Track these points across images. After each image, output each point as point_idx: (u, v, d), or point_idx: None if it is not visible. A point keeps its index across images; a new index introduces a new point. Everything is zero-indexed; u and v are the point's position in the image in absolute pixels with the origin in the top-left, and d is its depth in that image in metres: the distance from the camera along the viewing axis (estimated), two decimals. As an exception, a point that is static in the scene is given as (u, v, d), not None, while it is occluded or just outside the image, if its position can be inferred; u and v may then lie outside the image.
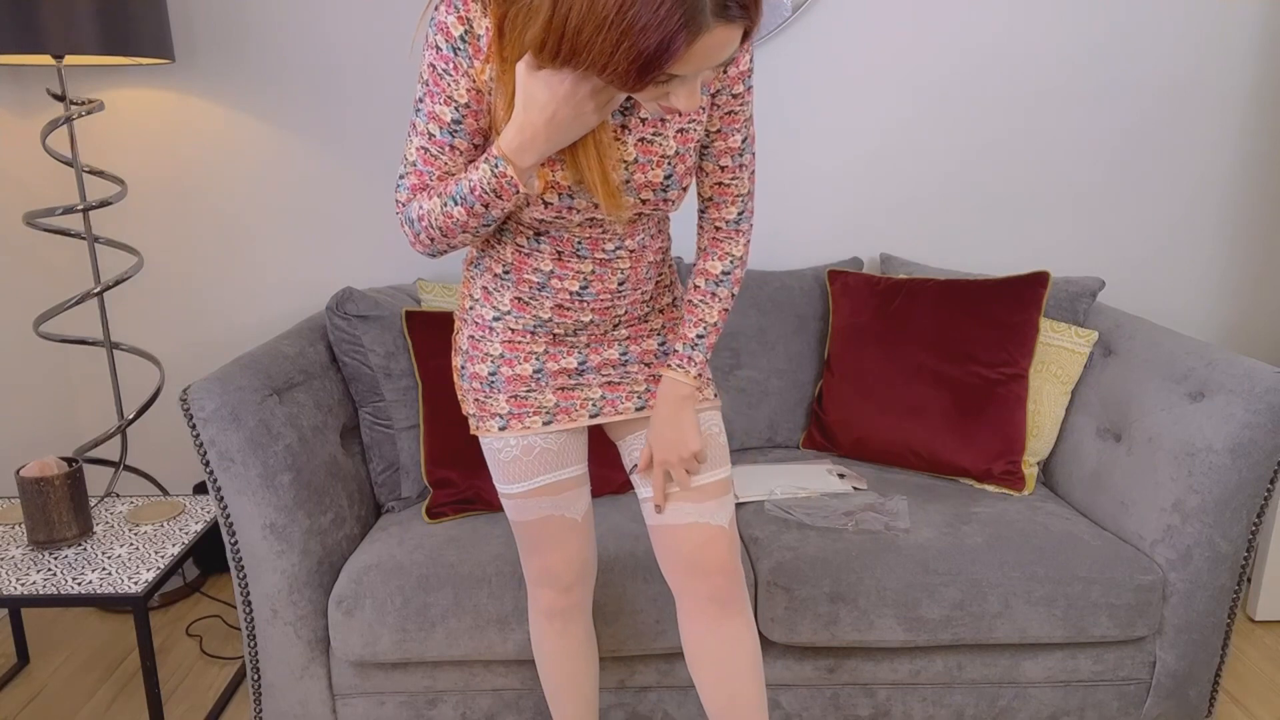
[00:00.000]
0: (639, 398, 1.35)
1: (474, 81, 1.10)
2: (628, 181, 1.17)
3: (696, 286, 1.31)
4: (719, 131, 1.23)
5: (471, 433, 1.40)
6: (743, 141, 1.24)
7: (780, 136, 2.35)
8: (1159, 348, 1.86)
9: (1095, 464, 1.91)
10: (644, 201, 1.19)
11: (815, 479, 1.98)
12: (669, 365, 1.31)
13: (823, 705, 1.76)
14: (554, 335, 1.30)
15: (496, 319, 1.30)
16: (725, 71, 1.17)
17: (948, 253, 2.44)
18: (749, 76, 1.20)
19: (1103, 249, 2.44)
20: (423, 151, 1.15)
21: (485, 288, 1.30)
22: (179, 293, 2.42)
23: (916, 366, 2.04)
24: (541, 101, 1.02)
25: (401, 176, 1.18)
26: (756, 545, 1.75)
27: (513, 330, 1.30)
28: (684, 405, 1.30)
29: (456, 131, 1.13)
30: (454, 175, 1.16)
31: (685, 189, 1.22)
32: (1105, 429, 1.93)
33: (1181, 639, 1.72)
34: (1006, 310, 2.01)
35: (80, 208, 2.08)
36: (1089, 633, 1.68)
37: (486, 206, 1.10)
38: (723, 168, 1.26)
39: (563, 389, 1.33)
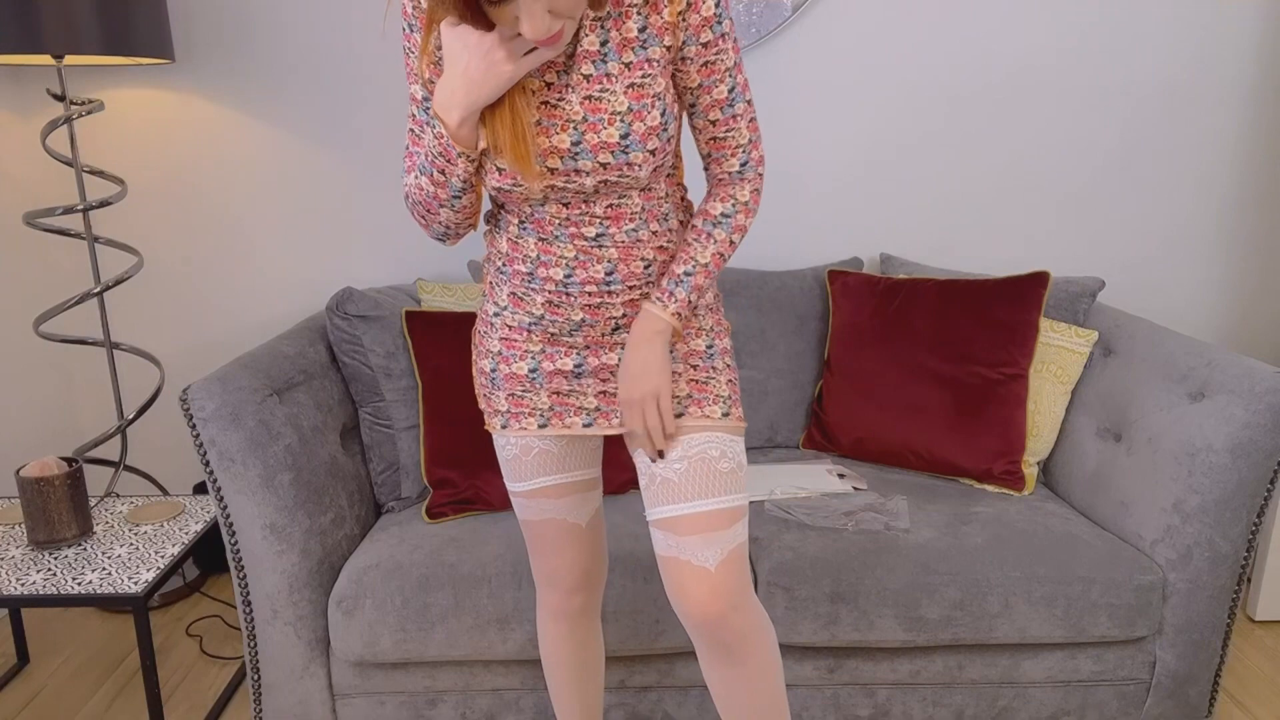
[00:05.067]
0: None
1: (431, 57, 1.14)
2: (579, 143, 1.13)
3: (694, 226, 1.24)
4: (701, 86, 1.18)
5: (485, 428, 1.38)
6: (730, 92, 1.19)
7: (780, 136, 2.35)
8: (1159, 348, 1.86)
9: (1095, 464, 1.91)
10: (604, 166, 1.14)
11: (815, 479, 1.98)
12: (649, 296, 1.23)
13: (823, 705, 1.76)
14: (550, 335, 1.27)
15: (496, 314, 1.29)
16: (684, 20, 1.13)
17: (948, 253, 2.44)
18: (716, 24, 1.14)
19: (1103, 249, 2.44)
20: (411, 134, 1.19)
21: (491, 283, 1.30)
22: (179, 293, 2.42)
23: (916, 366, 2.04)
24: (455, 55, 1.07)
25: (405, 160, 1.21)
26: (756, 545, 1.75)
27: (510, 327, 1.28)
28: (654, 340, 1.21)
29: (429, 109, 1.16)
30: None
31: (653, 152, 1.15)
32: (1105, 429, 1.93)
33: (1181, 639, 1.72)
34: (1006, 310, 2.00)
35: (80, 208, 2.08)
36: (1089, 633, 1.68)
37: (443, 173, 1.12)
38: (713, 121, 1.21)
39: (557, 393, 1.29)
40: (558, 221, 1.20)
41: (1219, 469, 1.64)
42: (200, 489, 2.48)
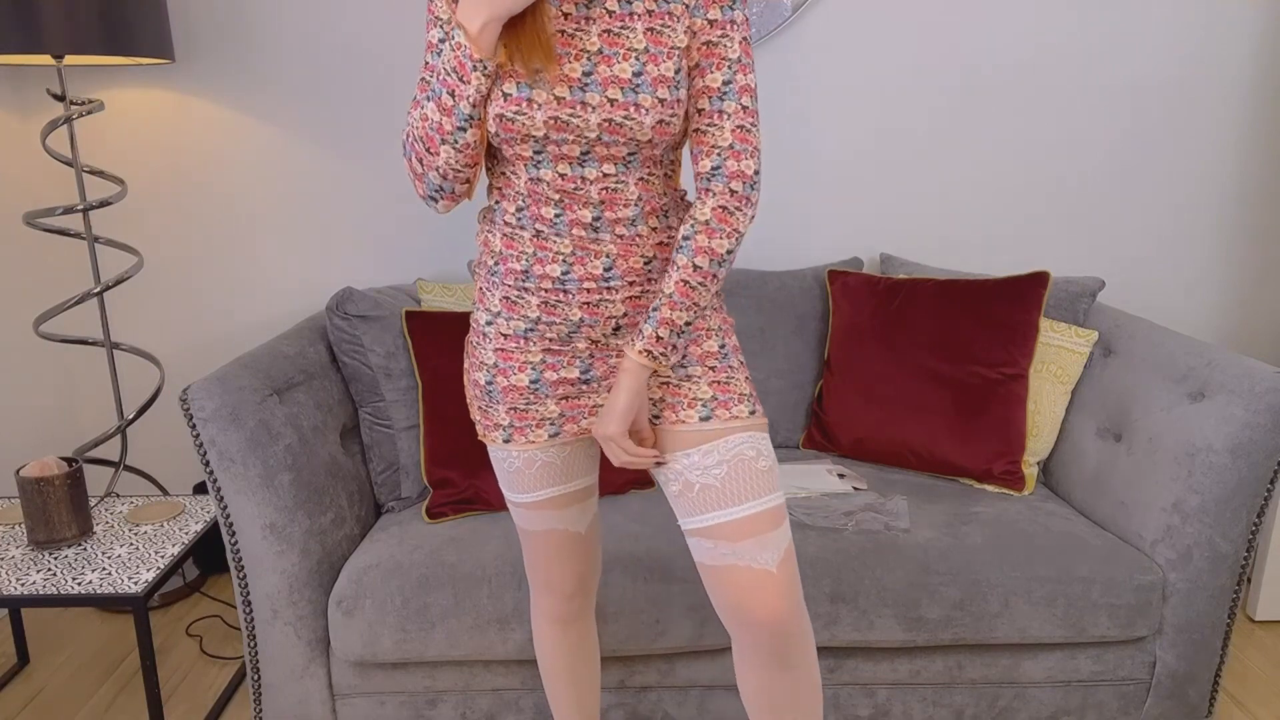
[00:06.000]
0: (654, 406, 1.25)
1: None
2: (590, 74, 1.12)
3: (668, 258, 1.22)
4: (698, 66, 1.15)
5: (478, 438, 1.35)
6: (724, 85, 1.15)
7: (780, 136, 2.35)
8: (1159, 348, 1.86)
9: (1095, 464, 1.91)
10: (612, 102, 1.12)
11: (815, 479, 1.98)
12: (631, 342, 1.21)
13: (823, 705, 1.76)
14: (549, 343, 1.23)
15: (489, 323, 1.25)
16: None
17: (948, 253, 2.44)
18: (728, 7, 1.14)
19: (1103, 249, 2.44)
20: (421, 83, 1.18)
21: (481, 289, 1.27)
22: (179, 293, 2.42)
23: (916, 366, 2.04)
24: None
25: (408, 115, 1.20)
26: (756, 545, 1.75)
27: (505, 336, 1.24)
28: (621, 379, 1.19)
29: (443, 51, 1.15)
30: None
31: (661, 102, 1.13)
32: (1105, 429, 1.93)
33: (1181, 639, 1.72)
34: (1006, 310, 2.00)
35: (80, 208, 2.08)
36: (1089, 633, 1.68)
37: (453, 95, 1.11)
38: (700, 110, 1.16)
39: (566, 398, 1.26)
40: (554, 201, 1.17)
41: (1219, 469, 1.64)
42: (200, 489, 2.48)
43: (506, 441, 1.29)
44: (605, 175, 1.17)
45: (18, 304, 2.38)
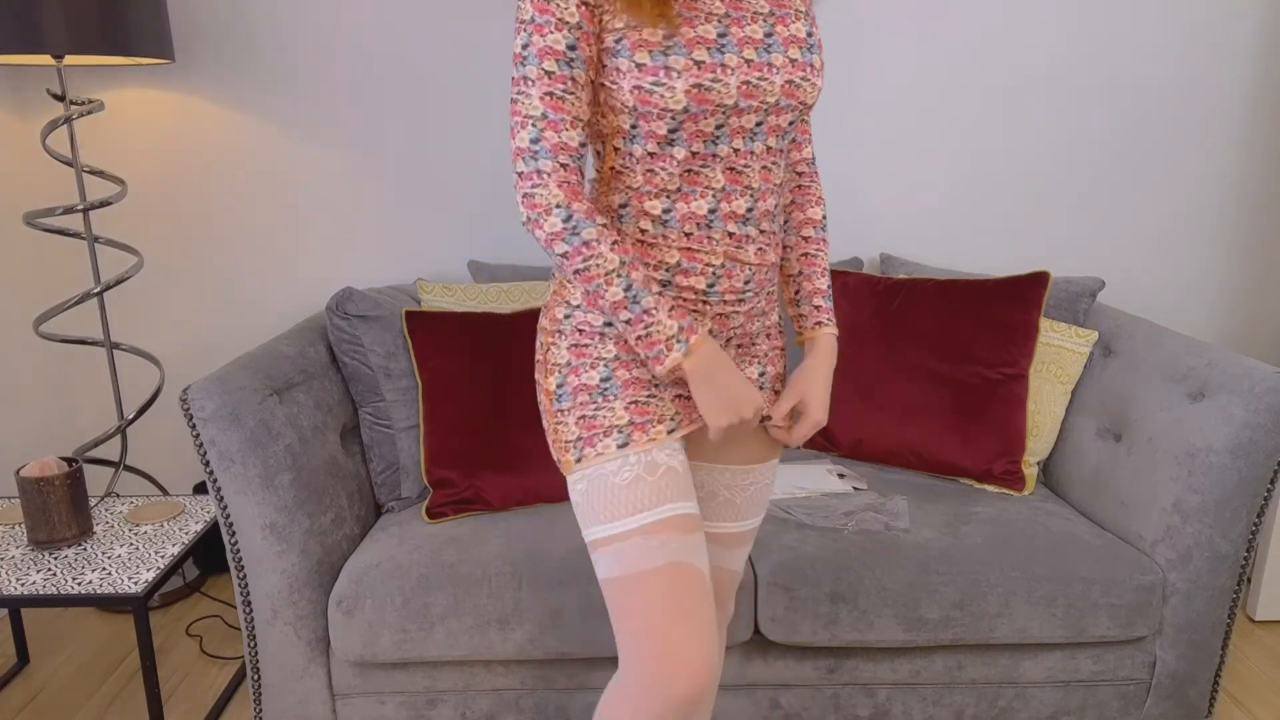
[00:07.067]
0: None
1: None
2: (770, 34, 1.08)
3: (808, 238, 1.26)
4: None
5: (568, 471, 1.13)
6: None
7: (780, 136, 2.36)
8: (1159, 348, 1.86)
9: (1095, 464, 1.91)
10: (793, 62, 1.09)
11: (815, 479, 1.98)
12: (820, 323, 1.25)
13: (823, 705, 1.76)
14: None
15: (608, 324, 1.14)
16: None
17: (948, 253, 2.44)
18: None
19: (1103, 249, 2.44)
20: (547, 98, 1.02)
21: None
22: (179, 293, 2.42)
23: (916, 366, 2.04)
24: (714, 381, 1.10)
25: (534, 141, 1.03)
26: (756, 545, 1.75)
27: (621, 340, 1.16)
28: (833, 364, 1.26)
29: (574, 61, 1.02)
30: (583, 121, 1.05)
31: (822, 64, 1.15)
32: (1105, 429, 1.93)
33: (1181, 639, 1.72)
34: (1006, 310, 2.00)
35: (80, 208, 2.08)
36: (1089, 633, 1.68)
37: (601, 299, 1.07)
38: None
39: (682, 397, 1.17)
40: (712, 192, 1.10)
41: (1219, 469, 1.64)
42: (200, 489, 2.48)
43: (623, 446, 1.09)
44: (769, 149, 1.13)
45: (18, 304, 2.38)
